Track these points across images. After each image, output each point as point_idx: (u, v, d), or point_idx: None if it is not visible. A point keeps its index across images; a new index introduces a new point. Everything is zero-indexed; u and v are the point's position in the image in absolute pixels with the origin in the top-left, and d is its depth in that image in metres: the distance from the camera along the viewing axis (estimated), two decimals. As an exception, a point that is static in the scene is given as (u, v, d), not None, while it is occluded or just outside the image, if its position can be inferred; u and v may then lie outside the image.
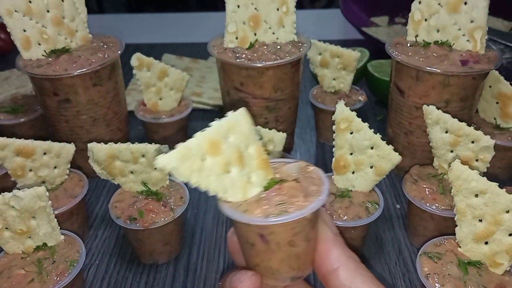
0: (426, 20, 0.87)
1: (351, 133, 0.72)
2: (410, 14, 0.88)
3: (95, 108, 0.92)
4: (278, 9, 0.90)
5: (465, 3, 0.82)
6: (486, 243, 0.61)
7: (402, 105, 0.90)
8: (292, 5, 0.90)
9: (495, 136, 0.86)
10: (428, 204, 0.75)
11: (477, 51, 0.83)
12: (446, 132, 0.74)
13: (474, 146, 0.73)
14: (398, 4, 1.62)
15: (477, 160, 0.74)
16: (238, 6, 0.88)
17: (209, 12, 2.01)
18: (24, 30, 0.86)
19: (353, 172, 0.75)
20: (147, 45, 1.63)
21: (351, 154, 0.74)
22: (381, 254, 0.81)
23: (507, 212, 0.58)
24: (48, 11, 0.88)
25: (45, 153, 0.78)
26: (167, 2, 2.96)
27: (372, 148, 0.72)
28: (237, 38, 0.90)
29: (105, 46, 0.93)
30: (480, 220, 0.61)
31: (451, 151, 0.75)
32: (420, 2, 0.86)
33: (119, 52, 0.93)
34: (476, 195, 0.60)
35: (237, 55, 0.87)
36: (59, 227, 0.69)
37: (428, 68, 0.82)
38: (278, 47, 0.89)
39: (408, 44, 0.88)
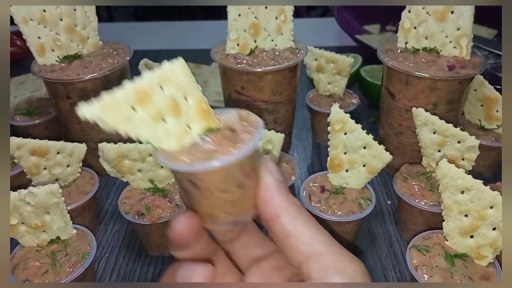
0: (415, 28, 0.87)
1: (345, 133, 0.72)
2: (400, 22, 0.88)
3: (105, 110, 0.92)
4: (276, 18, 0.89)
5: (452, 12, 0.82)
6: (472, 236, 0.61)
7: (393, 107, 0.90)
8: (289, 14, 0.90)
9: (480, 137, 0.85)
10: (417, 200, 0.75)
11: (463, 57, 0.83)
12: (434, 133, 0.74)
13: (460, 146, 0.73)
14: (389, 13, 1.61)
15: (463, 159, 0.74)
16: (239, 15, 0.88)
17: (212, 20, 2.01)
18: (39, 37, 0.86)
19: (347, 170, 0.75)
20: (154, 51, 1.63)
21: (345, 153, 0.74)
22: (373, 247, 0.81)
23: (491, 207, 0.58)
24: (61, 20, 0.88)
25: (58, 153, 0.78)
26: (172, 11, 2.96)
27: (364, 147, 0.72)
28: (238, 44, 0.90)
29: (114, 53, 0.93)
30: (466, 215, 0.61)
31: (439, 151, 0.75)
32: (409, 11, 0.86)
33: (128, 58, 0.93)
34: (462, 192, 0.60)
35: (238, 60, 0.87)
36: (71, 221, 0.69)
37: (417, 73, 0.82)
38: (277, 53, 0.89)
39: (399, 51, 0.88)
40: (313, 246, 0.37)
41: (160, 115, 0.36)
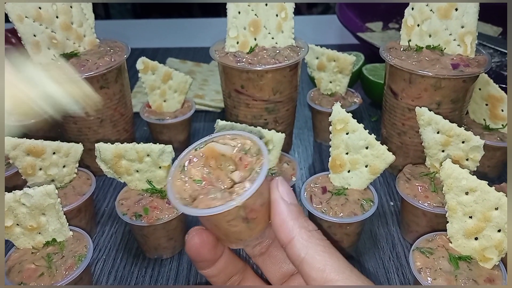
0: (418, 25, 0.87)
1: (347, 133, 0.72)
2: (403, 19, 0.88)
3: (102, 109, 0.92)
4: (277, 15, 0.89)
5: (456, 9, 0.82)
6: (476, 238, 0.61)
7: (396, 106, 0.90)
8: (290, 11, 0.90)
9: (484, 137, 0.85)
10: (420, 202, 0.74)
11: (468, 55, 0.83)
12: (438, 132, 0.74)
13: (464, 146, 0.73)
14: (392, 10, 1.62)
15: (467, 160, 0.74)
16: (239, 12, 0.88)
17: (211, 18, 2.01)
18: (34, 35, 0.86)
19: (348, 171, 0.75)
20: (152, 49, 1.63)
21: (347, 153, 0.74)
22: (376, 249, 0.81)
23: (496, 209, 0.58)
24: (57, 17, 0.88)
25: (54, 153, 0.78)
26: (171, 8, 2.96)
27: (367, 148, 0.72)
28: (238, 42, 0.90)
29: (111, 51, 0.93)
30: (470, 217, 0.61)
31: (443, 151, 0.75)
32: (413, 8, 0.86)
33: (125, 56, 0.93)
34: (467, 193, 0.60)
35: (238, 59, 0.87)
36: (67, 223, 0.69)
37: (420, 71, 0.82)
38: (277, 51, 0.89)
39: (402, 49, 0.88)
40: (325, 273, 0.38)
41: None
